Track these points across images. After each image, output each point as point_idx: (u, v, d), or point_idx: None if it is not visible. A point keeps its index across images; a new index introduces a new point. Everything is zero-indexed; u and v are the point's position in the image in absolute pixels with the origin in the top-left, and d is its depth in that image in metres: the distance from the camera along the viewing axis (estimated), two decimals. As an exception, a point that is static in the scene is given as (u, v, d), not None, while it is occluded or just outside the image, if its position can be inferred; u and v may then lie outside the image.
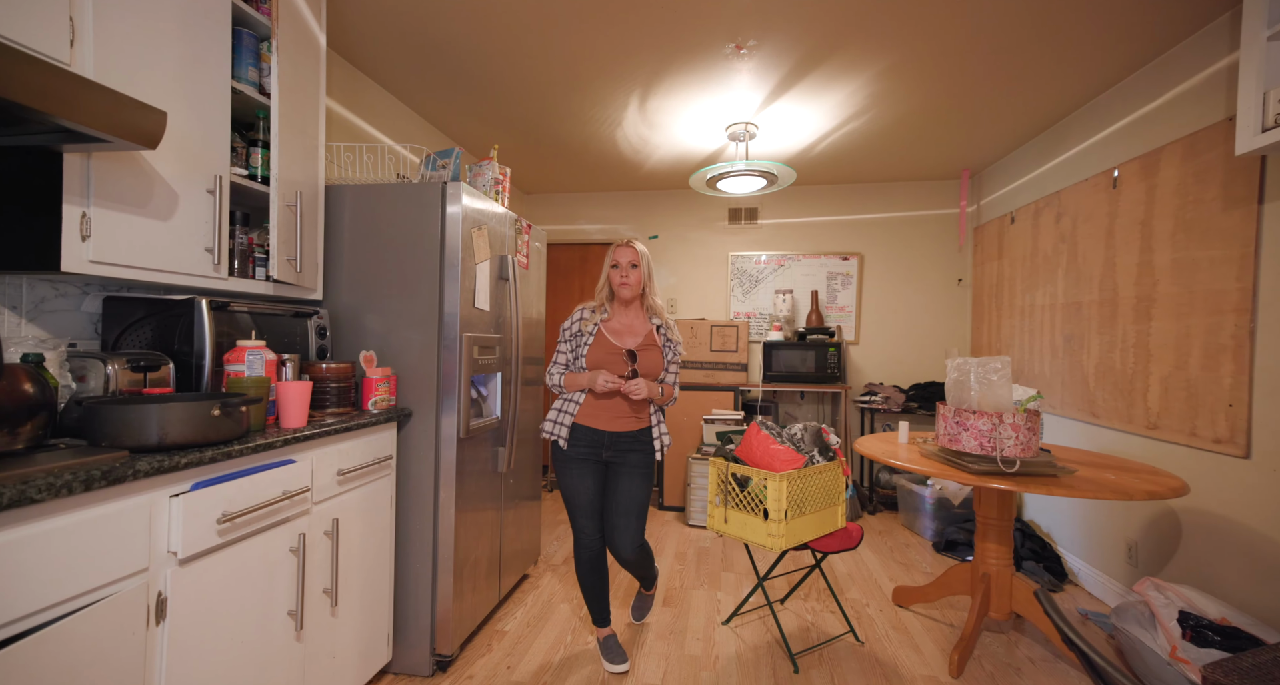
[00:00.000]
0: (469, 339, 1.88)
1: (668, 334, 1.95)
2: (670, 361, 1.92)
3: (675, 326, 2.00)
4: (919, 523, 3.28)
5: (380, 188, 1.88)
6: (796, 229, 4.16)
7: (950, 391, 1.92)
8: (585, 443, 1.84)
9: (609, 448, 1.84)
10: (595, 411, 1.83)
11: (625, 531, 1.84)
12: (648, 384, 1.80)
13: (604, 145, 3.36)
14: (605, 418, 1.83)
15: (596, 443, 1.84)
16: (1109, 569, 2.39)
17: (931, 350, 3.97)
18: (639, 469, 1.86)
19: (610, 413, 1.84)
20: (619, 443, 1.85)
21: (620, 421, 1.84)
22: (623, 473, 1.85)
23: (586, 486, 1.85)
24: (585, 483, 1.85)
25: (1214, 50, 1.96)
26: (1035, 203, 3.02)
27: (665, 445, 1.91)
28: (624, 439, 1.85)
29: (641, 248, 1.92)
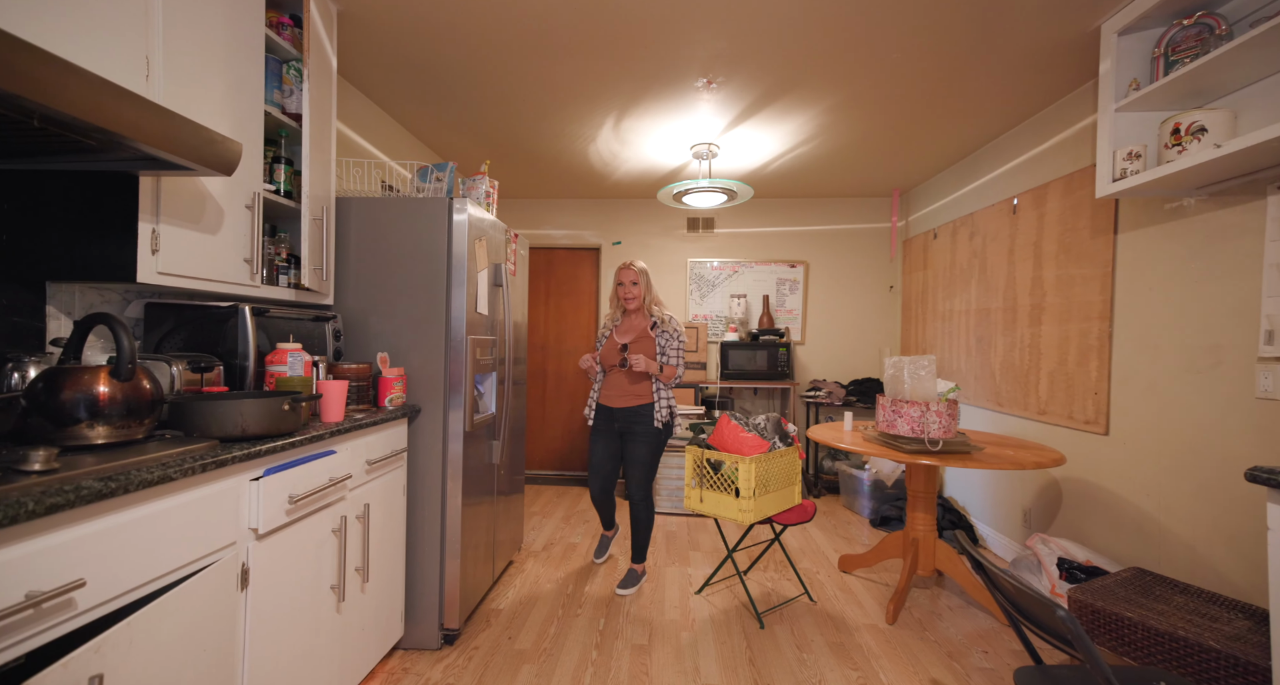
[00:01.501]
0: (472, 341, 2.06)
1: (663, 328, 2.47)
2: (665, 347, 2.43)
3: (671, 320, 2.49)
4: (858, 503, 3.71)
5: (387, 201, 2.03)
6: (749, 238, 4.53)
7: (888, 385, 2.29)
8: (602, 418, 2.50)
9: (619, 421, 2.46)
10: (607, 393, 2.48)
11: (632, 480, 2.47)
12: (645, 360, 2.35)
13: (576, 158, 3.57)
14: (613, 397, 2.45)
15: (610, 417, 2.49)
16: (1009, 532, 2.87)
17: (867, 349, 4.44)
18: (641, 436, 2.43)
19: (615, 392, 2.46)
20: (626, 416, 2.44)
21: (624, 399, 2.44)
22: (630, 439, 2.46)
23: (599, 450, 2.52)
24: (598, 448, 2.52)
25: (1081, 110, 2.44)
26: (954, 222, 3.51)
27: (664, 417, 2.42)
28: (629, 413, 2.43)
29: (641, 266, 2.51)
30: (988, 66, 2.30)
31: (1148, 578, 1.68)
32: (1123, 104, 1.88)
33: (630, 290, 2.44)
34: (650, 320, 2.45)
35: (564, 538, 3.19)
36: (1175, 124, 1.76)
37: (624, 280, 2.46)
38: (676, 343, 2.43)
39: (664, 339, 2.42)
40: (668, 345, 2.42)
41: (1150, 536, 2.04)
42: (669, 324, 2.44)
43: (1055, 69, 2.31)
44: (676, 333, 2.43)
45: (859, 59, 2.30)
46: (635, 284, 2.44)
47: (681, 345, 2.44)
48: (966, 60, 2.27)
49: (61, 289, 1.33)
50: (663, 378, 2.40)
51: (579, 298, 4.68)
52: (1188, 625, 1.41)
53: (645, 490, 2.48)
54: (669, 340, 2.42)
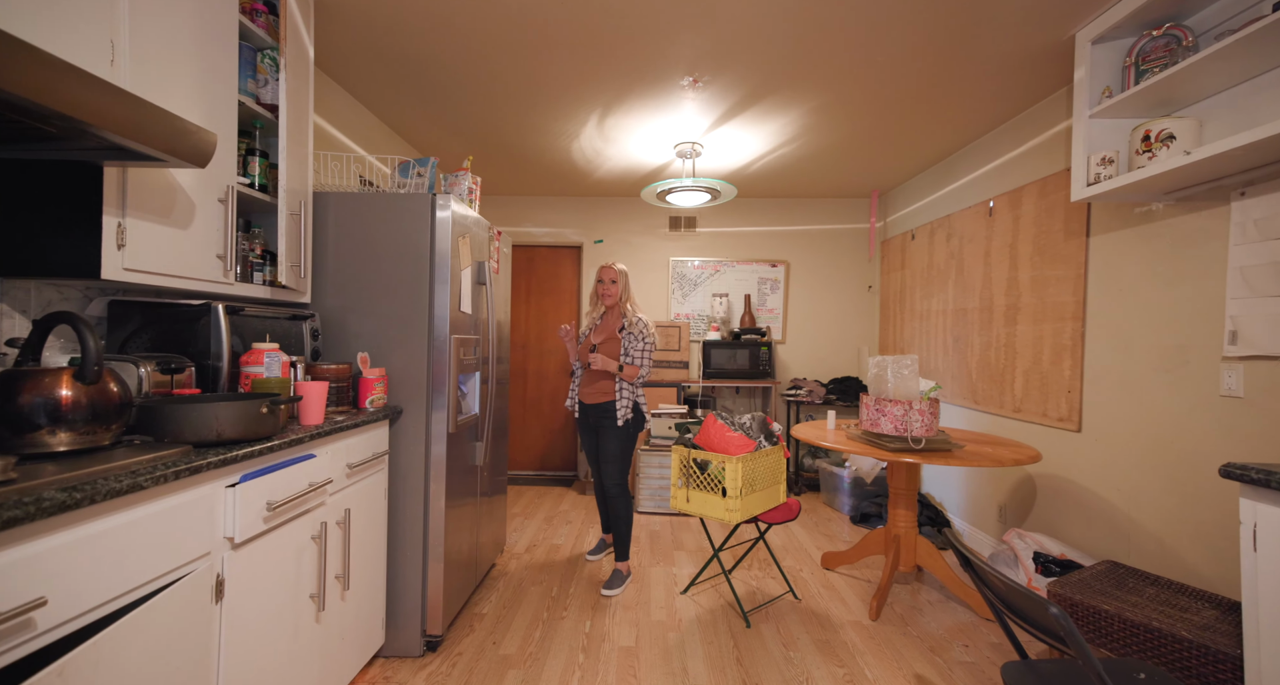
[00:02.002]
0: (456, 341, 2.01)
1: (629, 329, 2.58)
2: (629, 348, 2.55)
3: (639, 323, 2.60)
4: (838, 500, 3.76)
5: (368, 196, 1.97)
6: (731, 238, 4.55)
7: (871, 384, 2.32)
8: (581, 412, 2.66)
9: (592, 415, 2.61)
10: (583, 390, 2.63)
11: (605, 474, 2.60)
12: (603, 359, 2.49)
13: (558, 155, 3.53)
14: (587, 393, 2.61)
15: (586, 412, 2.64)
16: (985, 527, 2.94)
17: (846, 348, 4.51)
18: (608, 430, 2.57)
19: (588, 389, 2.60)
20: (596, 412, 2.59)
21: (594, 395, 2.59)
22: (600, 433, 2.61)
23: (587, 444, 2.70)
24: (587, 441, 2.70)
25: (1055, 115, 2.51)
26: (931, 223, 3.58)
27: (625, 413, 2.53)
28: (598, 409, 2.59)
29: (621, 267, 2.66)
30: (968, 71, 2.35)
31: (1120, 570, 1.74)
32: (1096, 110, 1.94)
33: (608, 288, 2.60)
34: (622, 322, 2.60)
35: (547, 539, 3.15)
36: (1146, 131, 1.81)
37: (604, 278, 2.62)
38: (641, 344, 2.54)
39: (629, 341, 2.55)
40: (631, 346, 2.55)
41: (1121, 530, 2.11)
42: (636, 326, 2.57)
43: (1032, 74, 2.37)
44: (642, 335, 2.55)
45: (845, 61, 2.32)
46: (614, 282, 2.60)
47: (647, 347, 2.55)
48: (949, 64, 2.31)
49: (16, 285, 1.25)
50: (624, 376, 2.52)
51: (560, 296, 4.64)
52: (1160, 616, 1.46)
53: (620, 484, 2.57)
54: (633, 341, 2.55)
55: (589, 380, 2.60)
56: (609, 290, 2.61)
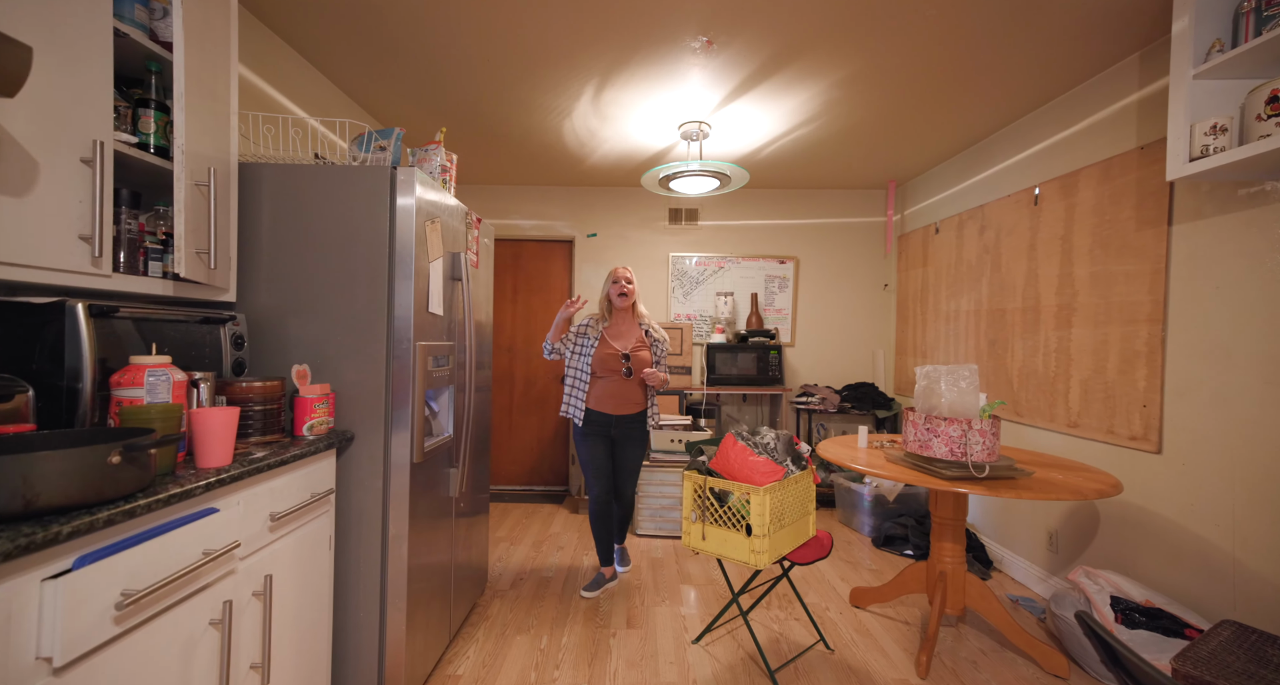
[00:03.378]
0: (423, 348, 1.63)
1: (654, 334, 2.55)
2: (660, 357, 2.55)
3: (658, 326, 2.59)
4: (856, 519, 3.42)
5: (312, 170, 1.58)
6: (736, 232, 4.20)
7: (920, 398, 1.97)
8: (598, 423, 2.46)
9: (616, 427, 2.47)
10: (606, 400, 2.44)
11: (627, 484, 2.59)
12: (659, 375, 2.44)
13: (548, 137, 3.15)
14: (612, 404, 2.45)
15: (606, 424, 2.46)
16: (1032, 556, 2.61)
17: (861, 352, 4.17)
18: (638, 441, 2.55)
19: (615, 400, 2.45)
20: (623, 423, 2.48)
21: (624, 407, 2.47)
22: (627, 444, 2.53)
23: (599, 456, 2.48)
24: (598, 452, 2.48)
25: (1125, 86, 2.18)
26: (959, 215, 3.25)
27: (656, 421, 2.58)
28: (627, 420, 2.48)
29: (630, 268, 2.64)
30: (1022, 36, 2.01)
31: (1252, 637, 1.41)
32: (1202, 70, 1.60)
33: (626, 288, 2.49)
34: (641, 326, 2.54)
35: (536, 570, 2.77)
36: (1273, 91, 1.48)
37: (621, 278, 2.51)
38: (663, 348, 2.56)
39: (658, 349, 2.53)
40: (657, 352, 2.54)
41: (1223, 575, 1.78)
42: (656, 331, 2.56)
43: (1098, 38, 2.03)
44: (663, 339, 2.57)
45: (879, 24, 1.97)
46: (630, 282, 2.51)
47: (665, 351, 2.57)
48: (999, 29, 1.96)
49: None
50: (658, 385, 2.48)
51: (550, 294, 4.26)
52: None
53: (635, 488, 2.65)
54: (658, 347, 2.54)
55: (618, 390, 2.44)
56: (628, 290, 2.50)
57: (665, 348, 2.54)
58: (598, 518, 2.52)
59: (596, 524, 2.53)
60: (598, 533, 2.54)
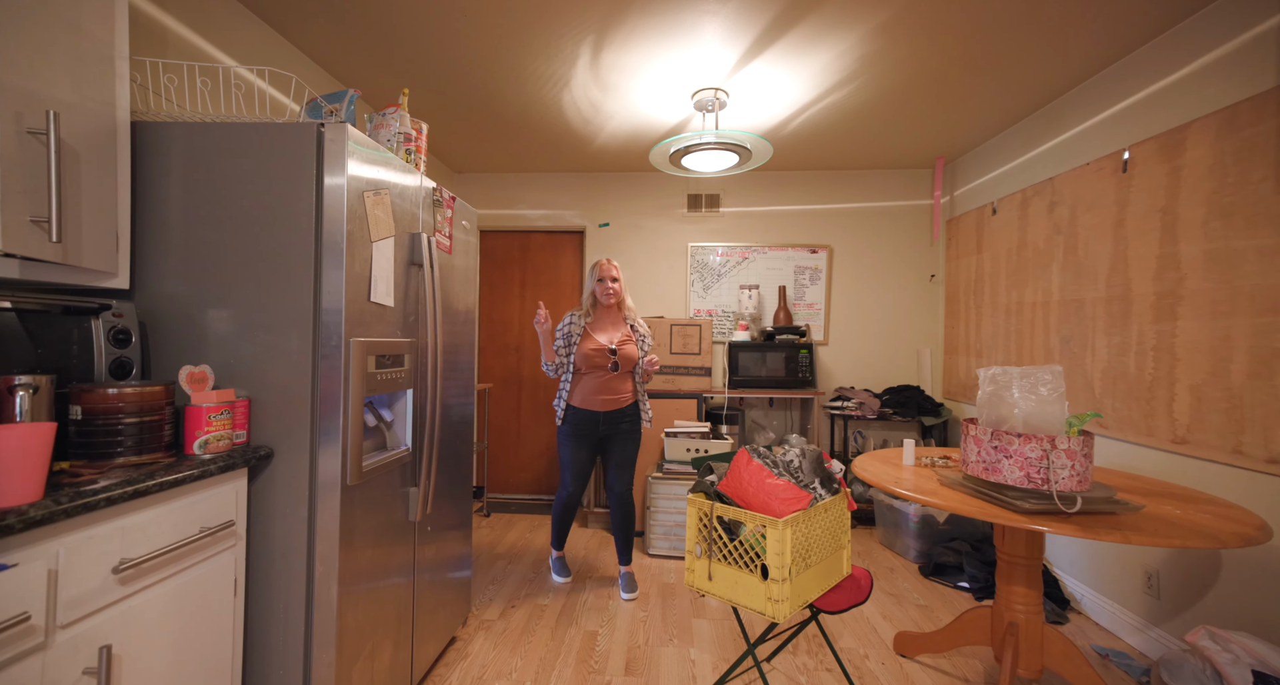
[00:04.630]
0: (360, 346, 1.34)
1: (639, 329, 2.50)
2: (646, 350, 2.47)
3: (641, 322, 2.54)
4: (900, 542, 2.99)
5: (222, 128, 1.30)
6: (762, 218, 3.81)
7: (984, 408, 1.57)
8: (584, 422, 2.39)
9: (604, 423, 2.40)
10: (592, 397, 2.37)
11: (620, 478, 2.49)
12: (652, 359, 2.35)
13: (548, 113, 2.85)
14: (600, 400, 2.38)
15: (593, 422, 2.39)
16: (1123, 599, 2.15)
17: (903, 351, 3.72)
18: (630, 434, 2.46)
19: (602, 395, 2.38)
20: (612, 419, 2.41)
21: (612, 402, 2.39)
22: (616, 438, 2.44)
23: (582, 456, 2.43)
24: (581, 453, 2.43)
25: (1254, 10, 1.72)
26: (1022, 191, 2.79)
27: (649, 416, 2.52)
28: (615, 414, 2.41)
29: (618, 262, 2.49)
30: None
31: None
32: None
33: (612, 286, 2.41)
34: (626, 320, 2.49)
35: (531, 596, 2.47)
36: None
37: (606, 275, 2.42)
38: (649, 344, 2.51)
39: (644, 344, 2.48)
40: (646, 350, 2.48)
41: None
42: (641, 326, 2.52)
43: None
44: (647, 334, 2.53)
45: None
46: (616, 280, 2.42)
47: (649, 346, 2.52)
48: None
49: None
50: (645, 376, 2.42)
51: (560, 289, 3.96)
52: None
53: (630, 483, 2.53)
54: (645, 343, 2.49)
55: (605, 385, 2.38)
56: (612, 288, 2.41)
57: (650, 343, 2.51)
58: (563, 512, 2.55)
59: (561, 516, 2.56)
60: (560, 522, 2.57)
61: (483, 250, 3.98)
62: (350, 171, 1.30)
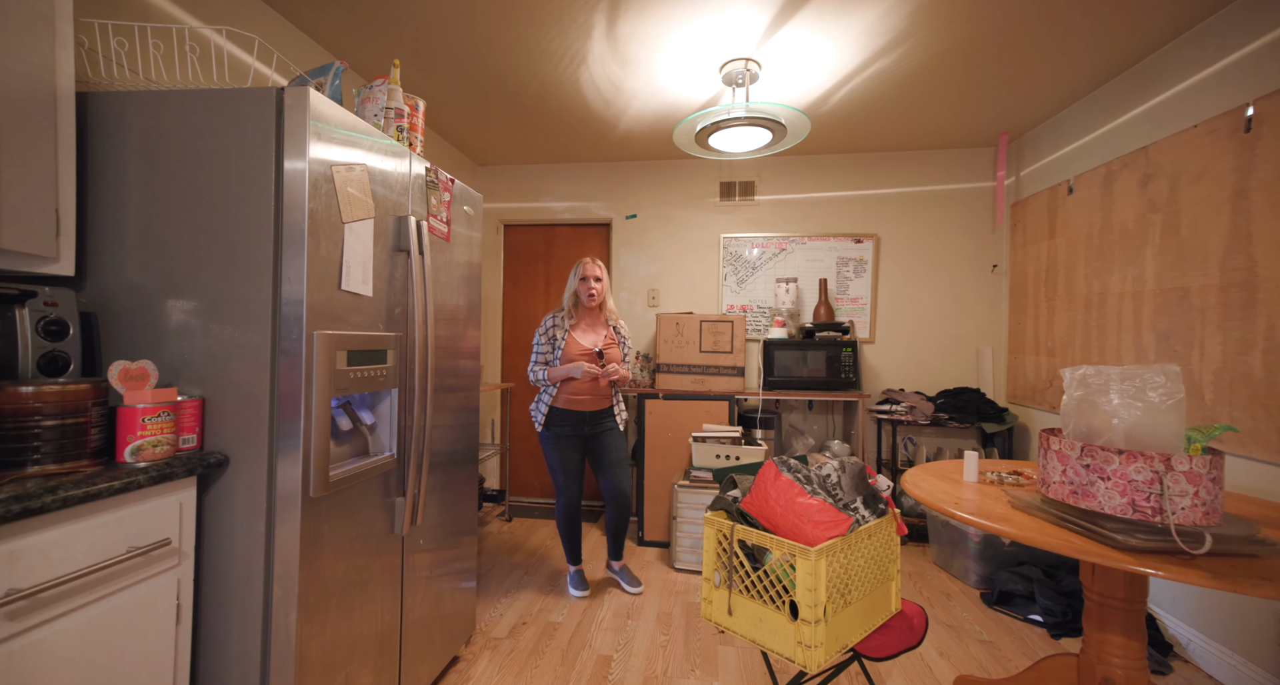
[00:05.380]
0: (327, 340, 1.19)
1: (621, 332, 2.51)
2: (626, 354, 2.50)
3: (622, 324, 2.53)
4: (958, 563, 2.65)
5: (177, 95, 1.18)
6: (801, 206, 3.52)
7: (1070, 416, 1.27)
8: (570, 423, 2.36)
9: (590, 423, 2.40)
10: (578, 397, 2.35)
11: (616, 475, 2.43)
12: (624, 370, 2.36)
13: (566, 93, 2.67)
14: (586, 400, 2.37)
15: (579, 422, 2.38)
16: (1248, 650, 1.77)
17: (960, 350, 3.36)
18: (615, 431, 2.46)
19: (588, 395, 2.37)
20: (597, 418, 2.41)
21: (596, 402, 2.40)
22: (604, 437, 2.43)
23: (571, 458, 2.40)
24: (570, 455, 2.39)
25: None
26: (1107, 166, 2.41)
27: (623, 419, 2.50)
28: (600, 415, 2.42)
29: (601, 263, 2.47)
30: None
31: None
32: None
33: (595, 286, 2.38)
34: (609, 323, 2.48)
35: (545, 612, 2.30)
36: None
37: (589, 275, 2.39)
38: (630, 348, 2.54)
39: (625, 347, 2.49)
40: (627, 353, 2.51)
41: None
42: (624, 329, 2.53)
43: None
44: (627, 336, 2.53)
45: None
46: (599, 280, 2.40)
47: (630, 349, 2.54)
48: None
49: None
50: (623, 383, 2.44)
51: (585, 286, 3.78)
52: None
53: (627, 476, 2.48)
54: (626, 347, 2.50)
55: (590, 386, 2.36)
56: (595, 288, 2.38)
57: (630, 346, 2.53)
58: (569, 522, 2.45)
59: (568, 528, 2.46)
60: (569, 534, 2.47)
61: (506, 245, 3.85)
62: (314, 142, 1.15)
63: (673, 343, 3.20)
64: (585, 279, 2.38)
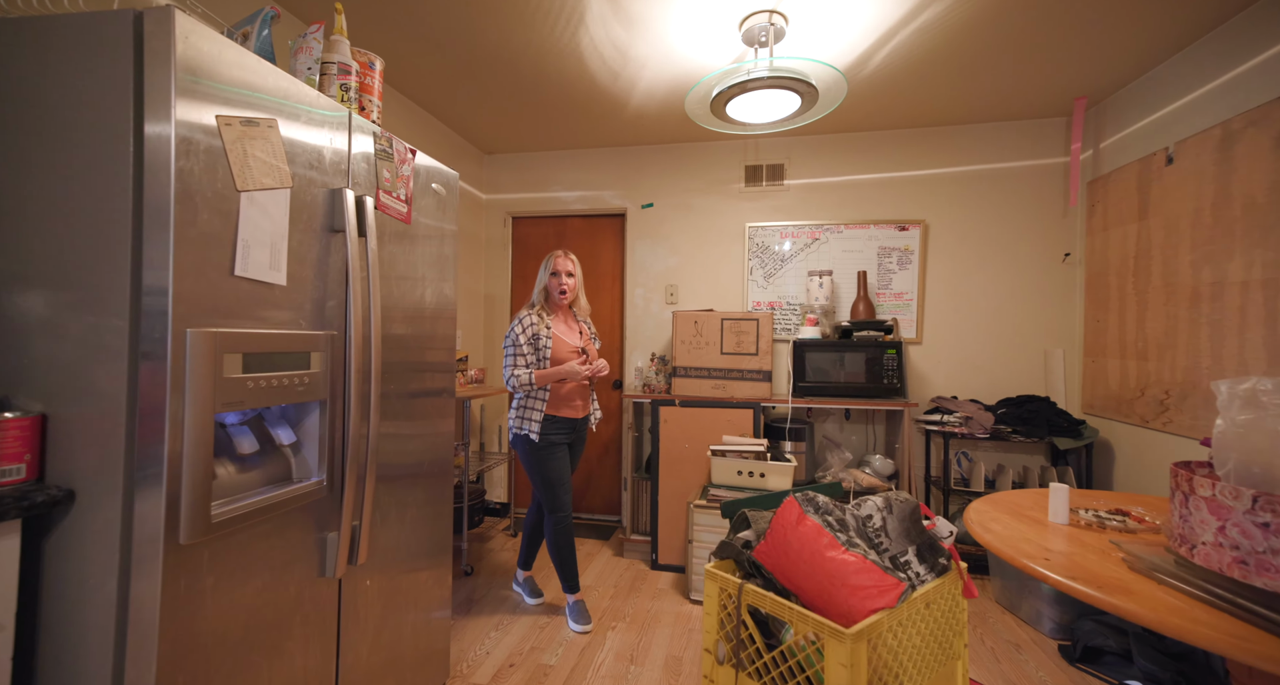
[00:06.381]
0: (207, 339, 0.92)
1: (592, 329, 2.34)
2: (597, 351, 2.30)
3: (591, 323, 2.37)
4: (1028, 605, 2.23)
5: (14, 23, 0.93)
6: (836, 190, 3.13)
7: (1230, 448, 0.89)
8: (564, 431, 2.16)
9: (577, 430, 2.22)
10: (570, 403, 2.15)
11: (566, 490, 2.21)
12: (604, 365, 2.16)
13: (567, 65, 2.38)
14: (577, 407, 2.18)
15: (570, 430, 2.18)
16: None
17: (1024, 352, 2.91)
18: (583, 441, 2.29)
19: (579, 401, 2.19)
20: (581, 426, 2.24)
21: (583, 408, 2.22)
22: (578, 444, 2.27)
23: (566, 469, 2.16)
24: (564, 466, 2.16)
25: None
26: (1224, 124, 1.96)
27: (598, 417, 2.34)
28: (584, 422, 2.25)
29: (575, 257, 2.23)
30: None
31: None
32: None
33: (567, 282, 2.18)
34: (580, 321, 2.30)
35: (538, 651, 2.01)
36: None
37: (561, 269, 2.18)
38: (598, 345, 2.37)
39: (594, 343, 2.32)
40: (597, 347, 2.34)
41: None
42: (592, 327, 2.36)
43: None
44: (595, 335, 2.37)
45: None
46: (571, 276, 2.20)
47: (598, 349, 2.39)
48: None
49: None
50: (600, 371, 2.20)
51: (600, 279, 3.50)
52: None
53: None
54: (595, 342, 2.34)
55: (578, 391, 2.19)
56: (568, 283, 2.17)
57: (598, 345, 2.37)
58: (568, 543, 2.17)
59: (567, 550, 2.17)
60: (567, 558, 2.18)
61: (515, 238, 3.60)
62: (187, 83, 0.88)
63: (691, 343, 2.87)
64: (557, 274, 2.17)
